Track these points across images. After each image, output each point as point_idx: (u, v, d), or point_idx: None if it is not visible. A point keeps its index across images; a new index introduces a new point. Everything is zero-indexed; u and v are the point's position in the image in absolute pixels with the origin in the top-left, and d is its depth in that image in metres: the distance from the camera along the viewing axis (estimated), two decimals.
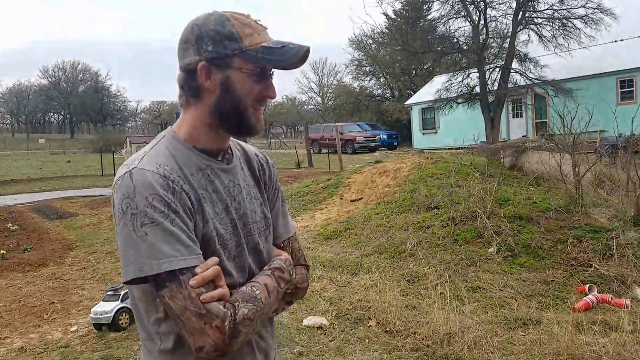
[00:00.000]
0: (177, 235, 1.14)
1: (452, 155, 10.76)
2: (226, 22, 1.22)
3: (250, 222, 1.33)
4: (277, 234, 1.45)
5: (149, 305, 1.22)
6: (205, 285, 1.14)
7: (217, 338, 1.12)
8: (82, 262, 7.75)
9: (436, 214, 6.97)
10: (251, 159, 1.43)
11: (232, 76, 1.23)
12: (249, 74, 1.23)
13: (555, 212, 6.50)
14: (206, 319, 1.12)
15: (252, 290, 1.23)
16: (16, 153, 44.36)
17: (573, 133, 7.51)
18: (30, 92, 75.66)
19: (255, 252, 1.34)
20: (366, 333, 4.29)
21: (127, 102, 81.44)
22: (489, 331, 4.08)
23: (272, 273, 1.31)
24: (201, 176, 1.25)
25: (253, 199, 1.37)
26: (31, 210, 12.97)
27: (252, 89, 1.24)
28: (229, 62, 1.22)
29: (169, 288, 1.12)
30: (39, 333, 5.01)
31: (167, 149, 1.25)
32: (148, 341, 1.26)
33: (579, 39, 18.23)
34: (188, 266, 1.13)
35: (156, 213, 1.13)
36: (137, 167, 1.18)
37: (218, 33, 1.21)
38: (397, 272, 5.68)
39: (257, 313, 1.20)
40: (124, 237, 1.15)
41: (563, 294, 4.95)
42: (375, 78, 41.53)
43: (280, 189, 1.50)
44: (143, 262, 1.12)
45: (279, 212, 1.47)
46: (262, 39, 1.23)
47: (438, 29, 20.34)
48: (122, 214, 1.15)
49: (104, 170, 21.98)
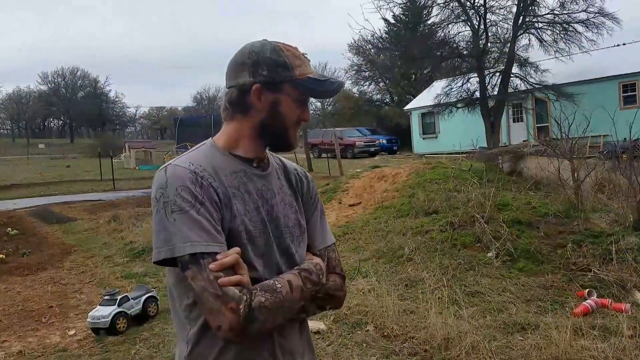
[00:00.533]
0: (201, 223, 1.26)
1: (451, 160, 10.77)
2: (281, 52, 1.39)
3: (282, 226, 1.43)
4: (314, 242, 1.54)
5: (181, 292, 1.34)
6: (224, 270, 1.24)
7: (232, 319, 1.21)
8: (81, 267, 7.77)
9: (434, 219, 6.96)
10: (290, 172, 1.55)
11: (281, 99, 1.40)
12: (295, 99, 1.40)
13: (555, 217, 6.50)
14: (222, 300, 1.21)
15: (273, 283, 1.30)
16: (16, 158, 44.36)
17: (571, 138, 7.51)
18: (30, 98, 75.72)
19: (287, 255, 1.43)
20: (364, 337, 4.28)
21: (125, 107, 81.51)
22: (487, 336, 4.06)
23: (298, 273, 1.38)
24: (234, 178, 1.38)
25: (287, 205, 1.48)
26: (31, 214, 12.97)
27: (295, 112, 1.41)
28: (280, 87, 1.39)
29: (191, 269, 1.24)
30: (37, 337, 5.03)
31: (204, 153, 1.40)
32: (180, 328, 1.39)
33: (580, 43, 18.24)
34: (209, 251, 1.24)
35: (184, 202, 1.26)
36: (172, 164, 1.34)
37: (274, 61, 1.38)
38: (395, 277, 5.67)
39: (276, 304, 1.27)
40: (157, 222, 1.29)
41: (562, 299, 4.93)
42: (374, 83, 41.54)
43: (320, 202, 1.62)
44: (173, 244, 1.25)
45: (316, 222, 1.57)
46: (309, 71, 1.42)
47: (438, 34, 20.40)
48: (156, 202, 1.29)
49: (103, 175, 21.97)
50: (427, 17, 22.49)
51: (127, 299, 5.11)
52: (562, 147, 7.63)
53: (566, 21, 18.25)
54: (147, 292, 5.39)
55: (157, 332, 4.89)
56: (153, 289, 5.71)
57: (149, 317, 5.24)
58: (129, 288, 6.09)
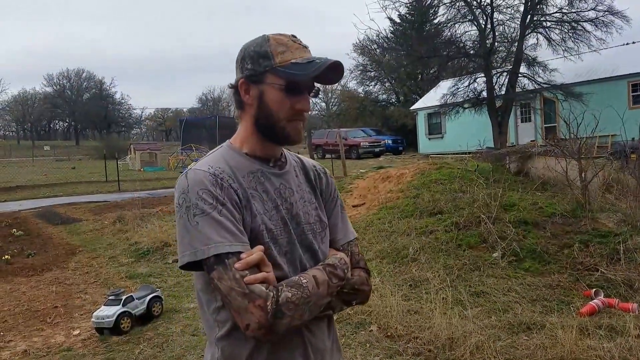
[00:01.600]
0: (224, 224, 1.27)
1: (457, 160, 10.72)
2: (265, 43, 1.37)
3: (303, 223, 1.44)
4: (336, 237, 1.54)
5: (209, 296, 1.35)
6: (249, 269, 1.25)
7: (260, 316, 1.21)
8: (85, 267, 7.78)
9: (439, 219, 6.92)
10: (308, 169, 1.56)
11: (265, 91, 1.37)
12: (280, 88, 1.35)
13: (562, 217, 6.44)
14: (250, 298, 1.21)
15: (299, 279, 1.31)
16: (22, 160, 44.63)
17: (579, 138, 7.45)
18: (36, 100, 76.13)
19: (310, 251, 1.43)
20: (367, 337, 4.26)
21: (131, 109, 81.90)
22: (492, 336, 4.02)
23: (323, 268, 1.38)
24: (252, 178, 1.38)
25: (307, 202, 1.48)
26: (36, 216, 13.02)
27: (284, 102, 1.36)
28: (263, 78, 1.37)
29: (217, 270, 1.25)
30: (42, 337, 5.05)
31: (221, 155, 1.41)
32: (209, 330, 1.39)
33: (589, 42, 18.05)
34: (233, 251, 1.25)
35: (205, 205, 1.27)
36: (192, 169, 1.35)
37: (256, 53, 1.37)
38: (399, 277, 5.64)
39: (303, 300, 1.26)
40: (180, 227, 1.30)
41: (568, 299, 4.89)
42: (380, 83, 41.39)
43: (339, 198, 1.62)
44: (196, 248, 1.26)
45: (337, 217, 1.57)
46: (293, 56, 1.36)
47: (444, 33, 20.28)
48: (179, 207, 1.31)
49: (108, 176, 22.05)
50: (433, 17, 22.39)
51: (132, 299, 5.11)
52: (570, 147, 7.57)
53: (575, 20, 18.07)
54: (151, 292, 5.39)
55: (161, 332, 4.89)
56: (158, 289, 5.71)
57: (153, 317, 5.24)
58: (133, 288, 6.10)
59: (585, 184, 6.88)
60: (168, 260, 7.59)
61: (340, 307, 1.46)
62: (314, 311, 1.31)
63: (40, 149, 56.52)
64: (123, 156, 34.26)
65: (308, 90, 1.39)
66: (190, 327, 4.88)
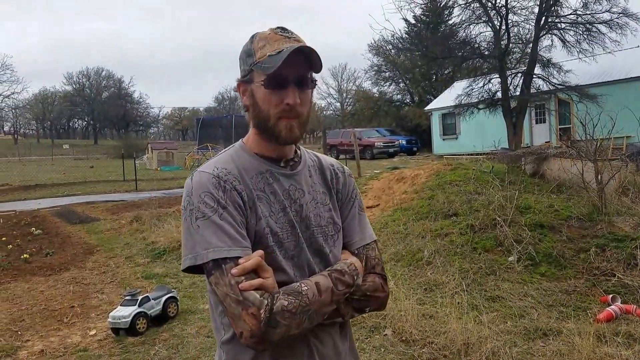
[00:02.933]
0: (224, 228, 1.24)
1: (471, 161, 10.65)
2: (253, 40, 1.35)
3: (313, 225, 1.39)
4: (351, 240, 1.48)
5: (215, 298, 1.31)
6: (246, 274, 1.22)
7: (252, 324, 1.18)
8: (102, 267, 7.85)
9: (454, 222, 6.89)
10: (325, 168, 1.50)
11: (254, 89, 1.34)
12: (264, 84, 1.30)
13: (578, 220, 6.38)
14: (243, 305, 1.19)
15: (299, 286, 1.26)
16: (41, 158, 45.30)
17: (595, 140, 7.37)
18: (55, 99, 77.10)
19: (320, 255, 1.39)
20: (382, 342, 4.25)
21: (149, 108, 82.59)
22: (508, 341, 4.00)
23: (329, 274, 1.33)
24: (260, 179, 1.35)
25: (320, 204, 1.43)
26: (54, 214, 13.18)
27: (269, 98, 1.31)
28: (251, 77, 1.34)
29: (214, 275, 1.23)
30: (59, 337, 5.09)
31: (230, 155, 1.38)
32: (216, 333, 1.39)
33: (604, 44, 17.89)
34: (231, 256, 1.23)
35: (207, 208, 1.26)
36: (198, 171, 1.33)
37: (245, 52, 1.36)
38: (414, 280, 5.62)
39: (301, 308, 1.22)
40: (184, 231, 1.29)
41: (585, 304, 4.84)
42: (394, 83, 41.37)
43: (358, 198, 1.55)
44: (197, 252, 1.24)
45: (354, 218, 1.50)
46: (271, 49, 1.29)
47: (459, 34, 20.17)
48: (184, 210, 1.30)
49: (125, 175, 22.26)
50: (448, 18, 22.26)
51: (148, 299, 5.15)
52: (586, 149, 7.48)
53: (589, 22, 17.91)
54: (167, 292, 5.42)
55: (176, 333, 4.93)
56: (173, 289, 5.75)
57: (168, 317, 5.27)
58: (149, 288, 6.15)
59: (601, 186, 6.80)
60: None
61: (351, 314, 1.40)
62: (315, 319, 1.27)
63: (59, 148, 57.35)
64: (140, 155, 34.56)
65: (295, 83, 1.31)
66: (205, 329, 4.90)
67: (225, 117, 43.11)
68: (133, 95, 78.23)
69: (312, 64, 1.32)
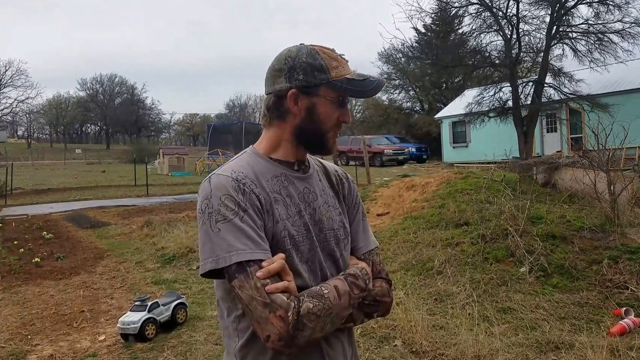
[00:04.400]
0: (245, 231, 1.24)
1: (482, 170, 10.59)
2: (317, 55, 1.37)
3: (326, 229, 1.41)
4: (357, 246, 1.50)
5: (230, 303, 1.34)
6: (271, 277, 1.22)
7: (280, 327, 1.18)
8: (112, 272, 7.89)
9: (465, 231, 6.84)
10: (330, 173, 1.54)
11: (317, 103, 1.37)
12: (332, 101, 1.38)
13: (590, 231, 6.31)
14: (271, 308, 1.18)
15: (320, 289, 1.27)
16: (54, 163, 45.73)
17: (608, 150, 7.30)
18: (69, 104, 77.93)
19: (332, 259, 1.40)
20: (391, 353, 4.20)
21: (161, 114, 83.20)
22: (520, 354, 3.95)
23: (345, 278, 1.34)
24: (275, 182, 1.36)
25: (331, 207, 1.45)
26: (66, 218, 13.30)
27: (333, 115, 1.39)
28: (317, 91, 1.37)
29: (238, 279, 1.22)
30: (68, 341, 5.11)
31: (245, 160, 1.40)
32: (228, 340, 1.37)
33: (616, 54, 17.77)
34: (254, 259, 1.23)
35: (227, 211, 1.26)
36: (215, 174, 1.34)
37: (310, 65, 1.36)
38: (424, 290, 5.58)
39: (325, 311, 1.23)
40: (202, 234, 1.28)
41: (597, 317, 4.77)
42: (404, 91, 41.41)
43: (361, 204, 1.59)
44: (218, 255, 1.23)
45: (359, 225, 1.53)
46: (346, 72, 1.39)
47: (469, 43, 20.12)
48: (201, 213, 1.29)
49: (137, 180, 22.41)
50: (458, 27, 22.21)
51: (157, 305, 5.16)
52: (598, 159, 7.42)
53: (601, 31, 17.81)
54: (177, 298, 5.44)
55: (184, 339, 4.93)
56: (182, 295, 5.76)
57: (177, 324, 5.28)
58: (159, 294, 6.16)
59: (614, 197, 6.73)
60: (192, 266, 7.66)
61: (361, 319, 1.42)
62: (336, 323, 1.28)
63: (72, 152, 57.87)
64: (152, 160, 34.78)
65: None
66: (213, 336, 4.89)
67: (236, 124, 43.32)
68: (145, 102, 78.86)
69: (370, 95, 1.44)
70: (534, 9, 18.68)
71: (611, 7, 17.31)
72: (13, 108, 63.20)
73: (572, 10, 18.28)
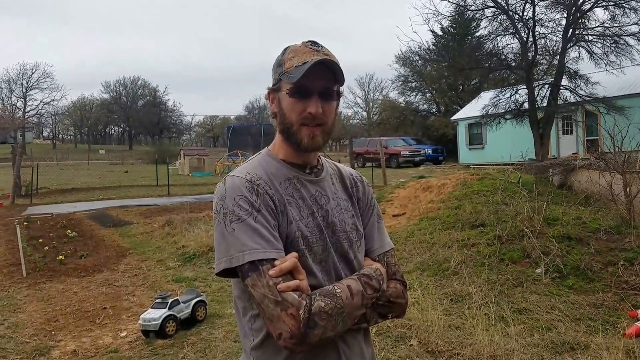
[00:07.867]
0: (259, 230, 1.27)
1: (498, 171, 10.57)
2: (284, 51, 1.42)
3: (339, 231, 1.43)
4: (372, 247, 1.52)
5: (245, 303, 1.36)
6: (283, 276, 1.24)
7: (292, 325, 1.19)
8: (134, 270, 8.03)
9: (481, 232, 6.86)
10: (344, 176, 1.56)
11: (281, 98, 1.40)
12: (290, 93, 1.37)
13: (606, 233, 6.30)
14: (282, 306, 1.20)
15: (332, 288, 1.29)
16: (78, 163, 46.50)
17: (624, 152, 7.28)
18: (93, 106, 79.16)
19: (345, 260, 1.42)
20: (407, 352, 4.24)
21: (182, 116, 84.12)
22: (535, 355, 3.98)
23: (358, 278, 1.36)
24: (288, 184, 1.39)
25: (343, 210, 1.47)
26: (89, 217, 13.54)
27: (295, 107, 1.37)
28: (279, 86, 1.41)
29: (251, 277, 1.24)
30: (91, 337, 5.20)
31: (259, 161, 1.43)
32: (244, 339, 1.40)
33: (632, 56, 17.57)
34: (267, 258, 1.25)
35: (241, 211, 1.29)
36: (230, 175, 1.37)
37: (276, 62, 1.43)
38: (440, 291, 5.62)
39: (337, 310, 1.24)
40: (217, 234, 1.32)
41: (613, 319, 4.77)
42: (421, 93, 41.35)
43: (377, 206, 1.60)
44: (232, 255, 1.26)
45: (373, 226, 1.55)
46: (298, 61, 1.37)
47: (486, 46, 20.05)
48: (216, 214, 1.33)
49: (158, 180, 22.69)
50: (475, 30, 22.14)
51: (178, 303, 5.25)
52: (614, 161, 7.39)
53: (617, 34, 17.63)
54: (197, 296, 5.53)
55: (204, 336, 5.01)
56: (203, 293, 5.86)
57: (197, 321, 5.37)
58: (179, 292, 6.28)
59: (630, 199, 6.71)
60: (212, 264, 7.76)
61: (375, 319, 1.42)
62: (348, 322, 1.28)
63: (95, 153, 58.82)
64: (173, 161, 35.18)
65: (319, 93, 1.37)
66: (232, 334, 4.97)
67: (255, 126, 43.62)
68: (167, 104, 79.93)
69: (335, 76, 1.38)
70: (550, 12, 18.56)
71: (627, 10, 17.11)
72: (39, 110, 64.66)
73: (588, 13, 18.12)
